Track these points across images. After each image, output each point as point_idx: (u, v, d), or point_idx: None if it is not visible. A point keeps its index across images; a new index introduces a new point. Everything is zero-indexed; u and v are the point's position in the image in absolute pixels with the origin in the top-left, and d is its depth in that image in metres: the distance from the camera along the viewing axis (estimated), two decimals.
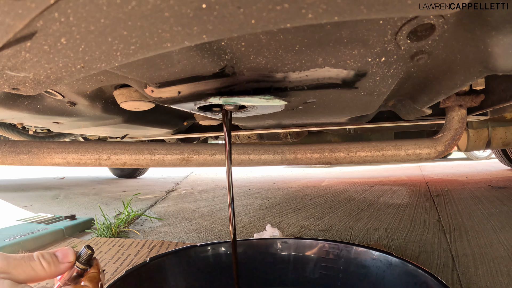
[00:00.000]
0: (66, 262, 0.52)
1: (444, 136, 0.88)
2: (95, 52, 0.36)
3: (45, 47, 0.35)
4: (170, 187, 3.60)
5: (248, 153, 0.79)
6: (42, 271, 0.49)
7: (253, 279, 0.92)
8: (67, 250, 0.52)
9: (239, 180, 4.25)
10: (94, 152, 0.81)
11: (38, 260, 0.49)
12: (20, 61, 0.38)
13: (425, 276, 0.73)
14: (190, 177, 4.72)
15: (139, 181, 4.27)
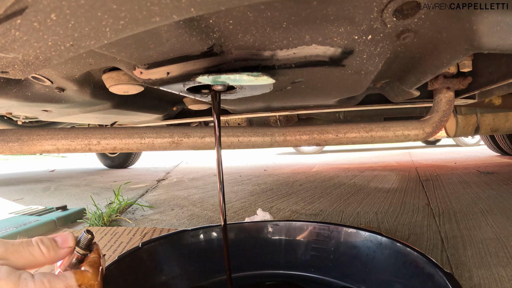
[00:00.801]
0: (65, 247, 0.51)
1: (432, 117, 0.89)
2: (84, 28, 0.36)
3: (35, 24, 0.35)
4: (161, 176, 3.60)
5: (237, 135, 0.80)
6: (41, 257, 0.48)
7: (244, 262, 0.93)
8: (67, 235, 0.52)
9: (230, 168, 4.26)
10: (83, 137, 0.81)
11: (37, 245, 0.49)
12: (9, 40, 0.37)
13: (415, 254, 0.74)
14: (180, 166, 4.72)
15: (130, 171, 4.26)
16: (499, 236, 1.26)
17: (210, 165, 4.90)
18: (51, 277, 0.45)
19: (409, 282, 0.73)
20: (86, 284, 0.48)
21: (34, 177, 3.81)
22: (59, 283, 0.45)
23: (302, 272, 0.92)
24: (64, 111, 1.11)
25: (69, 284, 0.46)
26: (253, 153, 7.90)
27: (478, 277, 0.96)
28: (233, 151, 9.30)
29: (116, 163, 4.51)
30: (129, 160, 4.47)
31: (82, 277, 0.48)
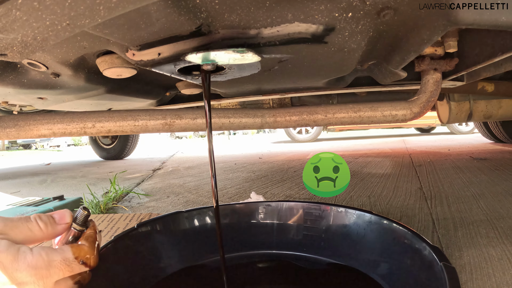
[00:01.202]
0: (62, 223, 0.53)
1: (420, 98, 0.91)
2: (80, 7, 0.38)
3: (35, 4, 0.37)
4: (157, 166, 3.61)
5: (228, 116, 0.82)
6: (39, 232, 0.50)
7: (238, 242, 0.95)
8: (64, 212, 0.54)
9: (225, 157, 4.28)
10: (79, 121, 0.83)
11: (35, 221, 0.50)
12: (10, 20, 0.39)
13: (403, 231, 0.76)
14: (176, 156, 4.73)
15: (125, 162, 4.27)
16: (490, 218, 1.29)
17: (205, 154, 4.89)
18: (49, 250, 0.47)
19: (398, 258, 0.76)
20: (83, 257, 0.50)
21: (30, 170, 3.81)
22: (56, 256, 0.47)
23: (295, 252, 0.94)
24: (59, 98, 1.12)
25: (66, 257, 0.48)
26: (248, 142, 7.91)
27: (468, 256, 0.98)
28: (229, 140, 9.30)
29: (112, 154, 4.51)
30: (125, 151, 4.47)
31: (78, 250, 0.50)
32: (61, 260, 0.47)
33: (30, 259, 0.45)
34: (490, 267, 0.91)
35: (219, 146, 7.14)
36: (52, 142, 16.38)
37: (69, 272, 0.48)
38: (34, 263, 0.45)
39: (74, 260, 0.49)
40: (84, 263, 0.50)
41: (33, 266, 0.45)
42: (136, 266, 0.78)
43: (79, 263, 0.49)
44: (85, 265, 0.50)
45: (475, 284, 0.84)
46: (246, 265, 0.92)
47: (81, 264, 0.49)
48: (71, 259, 0.48)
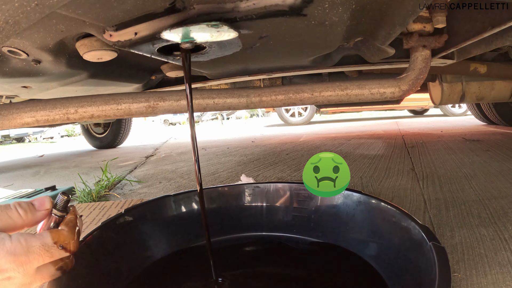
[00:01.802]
0: (42, 209, 0.52)
1: (408, 75, 0.90)
2: None
3: None
4: (150, 153, 3.61)
5: (212, 97, 0.80)
6: (19, 219, 0.49)
7: (226, 225, 0.95)
8: (44, 198, 0.53)
9: (218, 141, 4.28)
10: (61, 107, 0.81)
11: (15, 208, 0.50)
12: None
13: (393, 210, 0.76)
14: (169, 142, 4.73)
15: (118, 150, 4.25)
16: (482, 199, 1.29)
17: (198, 138, 4.89)
18: (28, 236, 0.46)
19: (388, 238, 0.76)
20: (62, 242, 0.49)
21: (23, 163, 3.78)
22: (35, 241, 0.46)
23: (285, 233, 0.94)
24: (43, 85, 1.10)
25: (45, 242, 0.47)
26: (241, 126, 7.91)
27: (459, 236, 0.98)
28: (222, 125, 9.30)
29: (105, 143, 4.50)
30: (117, 139, 4.45)
31: (57, 235, 0.49)
32: (40, 246, 0.46)
33: (9, 246, 0.44)
34: (482, 247, 0.91)
35: (212, 131, 7.14)
36: (46, 134, 16.28)
37: (49, 258, 0.48)
38: (12, 249, 0.44)
39: (53, 245, 0.48)
40: (64, 248, 0.49)
41: (11, 253, 0.44)
42: (123, 252, 0.77)
43: (59, 248, 0.48)
44: (64, 250, 0.49)
45: (467, 264, 0.84)
46: (234, 248, 0.92)
47: (60, 249, 0.48)
48: (50, 244, 0.47)
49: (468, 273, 0.80)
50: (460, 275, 0.80)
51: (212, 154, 3.07)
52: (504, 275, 0.78)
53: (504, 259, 0.84)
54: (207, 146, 3.80)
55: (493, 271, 0.80)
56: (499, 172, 1.66)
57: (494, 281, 0.76)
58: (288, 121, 7.24)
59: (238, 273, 0.82)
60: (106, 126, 4.38)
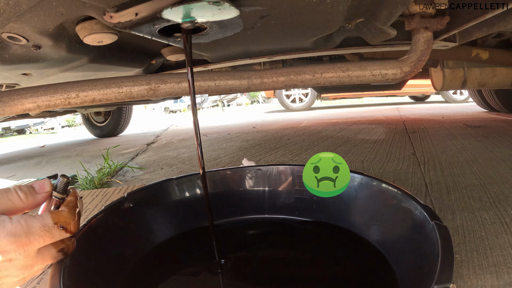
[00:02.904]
0: (42, 192, 0.52)
1: (410, 57, 0.89)
2: None
3: None
4: (151, 140, 3.61)
5: (214, 79, 0.80)
6: (19, 202, 0.50)
7: (229, 207, 0.95)
8: (44, 181, 0.53)
9: (219, 127, 4.27)
10: (62, 91, 0.81)
11: (15, 192, 0.50)
12: None
13: (394, 191, 0.76)
14: (170, 129, 4.73)
15: (120, 138, 4.25)
16: (483, 183, 1.29)
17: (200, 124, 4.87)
18: (28, 217, 0.46)
19: (390, 218, 0.76)
20: (62, 223, 0.49)
21: (25, 154, 3.78)
22: (36, 222, 0.46)
23: (287, 216, 0.94)
24: (44, 72, 1.10)
25: (45, 223, 0.47)
26: (242, 112, 7.90)
27: (461, 219, 0.99)
28: (223, 112, 9.29)
29: (106, 131, 4.49)
30: (118, 127, 4.45)
31: (57, 216, 0.49)
32: (40, 227, 0.46)
33: (9, 227, 0.44)
34: (483, 230, 0.92)
35: (213, 117, 7.13)
36: (46, 125, 16.31)
37: (49, 239, 0.48)
38: (13, 230, 0.44)
39: (53, 225, 0.48)
40: (64, 228, 0.49)
41: (12, 234, 0.44)
42: (126, 236, 0.78)
43: (59, 229, 0.48)
44: (65, 231, 0.49)
45: (468, 246, 0.85)
46: (237, 230, 0.92)
47: (61, 229, 0.48)
48: (51, 225, 0.47)
49: (470, 255, 0.81)
50: (461, 257, 0.80)
51: (213, 140, 3.07)
52: (505, 258, 0.78)
53: (505, 242, 0.85)
54: (208, 132, 3.80)
55: (494, 253, 0.80)
56: (500, 158, 1.65)
57: (495, 263, 0.76)
58: (289, 107, 7.23)
59: (241, 254, 0.83)
60: (107, 114, 4.38)
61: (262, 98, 20.68)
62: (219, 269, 0.74)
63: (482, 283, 0.70)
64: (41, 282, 0.83)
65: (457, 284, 0.71)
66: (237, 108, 12.77)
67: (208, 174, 0.95)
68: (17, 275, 0.47)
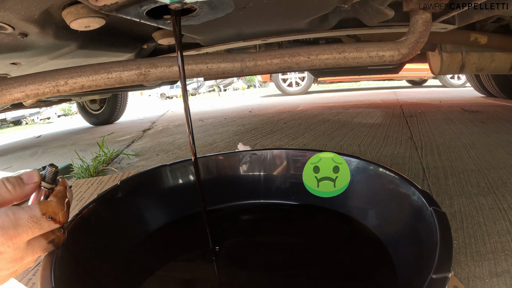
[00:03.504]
0: (31, 183, 0.51)
1: (408, 39, 0.87)
2: None
3: None
4: (147, 126, 3.59)
5: (206, 62, 0.78)
6: (7, 193, 0.48)
7: (224, 193, 0.93)
8: (32, 172, 0.52)
9: (215, 112, 4.26)
10: (51, 79, 0.79)
11: (3, 183, 0.49)
12: None
13: (392, 175, 0.75)
14: (166, 115, 4.72)
15: (116, 125, 4.24)
16: (481, 168, 1.28)
17: (195, 110, 4.89)
18: (15, 209, 0.45)
19: (387, 204, 0.74)
20: (51, 213, 0.47)
21: (20, 145, 3.74)
22: (23, 214, 0.45)
23: (283, 200, 0.92)
24: (33, 60, 1.08)
25: (33, 214, 0.46)
26: (239, 97, 7.89)
27: (458, 204, 0.98)
28: (219, 97, 9.26)
29: (101, 119, 4.47)
30: (114, 115, 4.42)
31: (46, 206, 0.47)
32: (28, 218, 0.45)
33: None
34: (480, 216, 0.91)
35: (209, 102, 7.10)
36: (42, 115, 16.23)
37: (38, 230, 0.46)
38: (0, 223, 0.43)
39: (42, 216, 0.46)
40: (53, 219, 0.48)
41: (0, 227, 0.43)
42: (119, 224, 0.76)
43: (48, 219, 0.47)
44: (54, 221, 0.48)
45: (466, 232, 0.84)
46: (232, 216, 0.91)
47: (49, 220, 0.47)
48: (39, 215, 0.46)
49: (467, 241, 0.80)
50: (458, 243, 0.80)
51: (209, 125, 3.06)
52: (503, 244, 0.78)
53: (503, 228, 0.85)
54: (204, 117, 3.78)
55: (492, 240, 0.80)
56: (497, 143, 1.65)
57: (493, 250, 0.76)
58: (285, 91, 7.20)
59: (235, 241, 0.82)
60: (102, 102, 4.35)
61: (259, 82, 20.60)
62: (214, 256, 0.73)
63: (480, 270, 0.70)
64: (36, 274, 0.82)
65: (454, 271, 0.70)
66: (234, 93, 12.73)
67: (202, 159, 0.94)
68: (7, 268, 0.47)
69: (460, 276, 0.69)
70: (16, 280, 0.81)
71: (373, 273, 0.65)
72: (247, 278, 0.69)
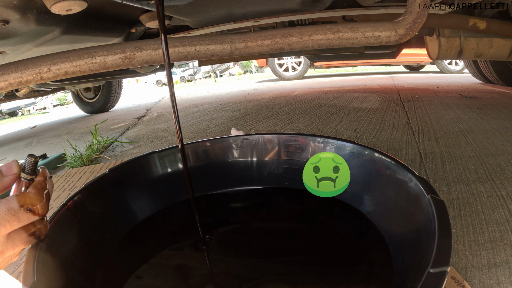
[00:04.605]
0: (10, 174, 0.50)
1: (406, 19, 0.84)
2: None
3: None
4: (142, 113, 3.57)
5: (194, 44, 0.74)
6: None
7: (215, 180, 0.91)
8: (11, 163, 0.50)
9: (210, 97, 4.24)
10: (34, 66, 0.76)
11: None
12: None
13: (388, 161, 0.72)
14: (162, 102, 4.70)
15: (111, 113, 4.21)
16: (479, 154, 1.26)
17: (191, 96, 4.86)
18: None
19: (383, 191, 0.72)
20: (29, 205, 0.46)
21: (15, 136, 3.70)
22: (1, 207, 0.44)
23: (276, 186, 0.90)
24: (17, 48, 1.05)
25: (11, 206, 0.44)
26: (235, 83, 7.87)
27: (456, 191, 0.97)
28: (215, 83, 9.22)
29: (96, 107, 4.42)
30: (109, 102, 4.38)
31: (24, 198, 0.46)
32: (5, 211, 0.44)
33: None
34: (479, 204, 0.90)
35: (205, 88, 7.06)
36: (38, 105, 16.19)
37: (17, 223, 0.45)
38: None
39: (19, 208, 0.45)
40: (31, 211, 0.46)
41: None
42: (106, 215, 0.74)
43: (26, 211, 0.45)
44: (32, 213, 0.46)
45: (463, 220, 0.82)
46: (223, 203, 0.89)
47: (27, 212, 0.46)
48: (16, 208, 0.45)
49: (465, 229, 0.79)
50: (456, 231, 0.78)
51: (204, 110, 3.03)
52: (502, 233, 0.76)
53: (502, 216, 0.83)
54: (199, 103, 3.75)
55: (490, 228, 0.78)
56: (495, 129, 1.62)
57: (492, 239, 0.74)
58: (281, 76, 7.16)
59: (226, 229, 0.80)
60: (97, 90, 4.31)
61: (255, 67, 20.54)
62: (204, 246, 0.71)
63: (478, 260, 0.69)
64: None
65: (452, 261, 0.68)
66: (230, 78, 12.69)
67: (192, 145, 0.92)
68: None
69: (458, 266, 0.68)
70: (7, 273, 0.80)
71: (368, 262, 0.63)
72: (238, 266, 0.68)
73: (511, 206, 0.88)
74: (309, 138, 0.87)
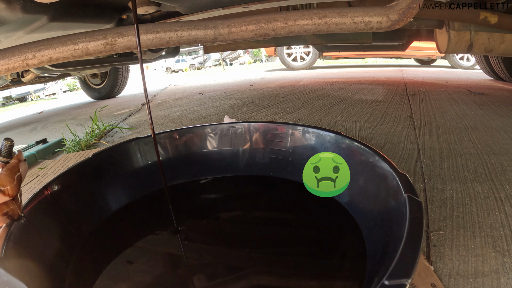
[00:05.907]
0: None
1: (399, 3, 0.80)
2: None
3: None
4: None
5: (175, 29, 0.73)
6: None
7: (202, 167, 0.91)
8: None
9: (216, 85, 4.23)
10: (19, 53, 0.77)
11: None
12: None
13: (371, 153, 0.71)
14: (168, 89, 4.70)
15: (117, 99, 4.22)
16: (480, 153, 1.22)
17: (197, 84, 4.86)
18: None
19: (364, 183, 0.72)
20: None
21: (22, 121, 3.72)
22: None
23: (261, 174, 0.91)
24: (9, 36, 1.07)
25: None
26: (243, 71, 7.85)
27: (451, 190, 0.93)
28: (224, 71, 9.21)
29: (103, 93, 4.45)
30: (116, 89, 4.40)
31: None
32: None
33: None
34: (474, 205, 0.85)
35: (213, 76, 7.04)
36: (48, 91, 16.29)
37: None
38: None
39: None
40: (1, 192, 0.49)
41: None
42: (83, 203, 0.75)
43: None
44: (2, 194, 0.49)
45: (455, 222, 0.78)
46: (205, 191, 0.90)
47: None
48: None
49: (455, 232, 0.75)
50: (445, 233, 0.74)
51: (208, 98, 3.03)
52: (495, 239, 0.72)
53: (497, 220, 0.78)
54: (204, 90, 3.74)
55: (483, 233, 0.74)
56: (501, 127, 1.57)
57: (483, 244, 0.70)
58: (290, 66, 7.13)
59: (202, 220, 0.80)
60: (103, 76, 4.32)
61: (265, 57, 20.51)
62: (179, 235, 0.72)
63: (464, 267, 0.64)
64: None
65: (435, 266, 0.64)
66: (239, 67, 12.65)
67: (175, 132, 0.92)
68: None
69: (441, 272, 0.63)
70: None
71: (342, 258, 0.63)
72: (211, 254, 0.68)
73: (508, 209, 0.83)
74: (295, 127, 0.87)
